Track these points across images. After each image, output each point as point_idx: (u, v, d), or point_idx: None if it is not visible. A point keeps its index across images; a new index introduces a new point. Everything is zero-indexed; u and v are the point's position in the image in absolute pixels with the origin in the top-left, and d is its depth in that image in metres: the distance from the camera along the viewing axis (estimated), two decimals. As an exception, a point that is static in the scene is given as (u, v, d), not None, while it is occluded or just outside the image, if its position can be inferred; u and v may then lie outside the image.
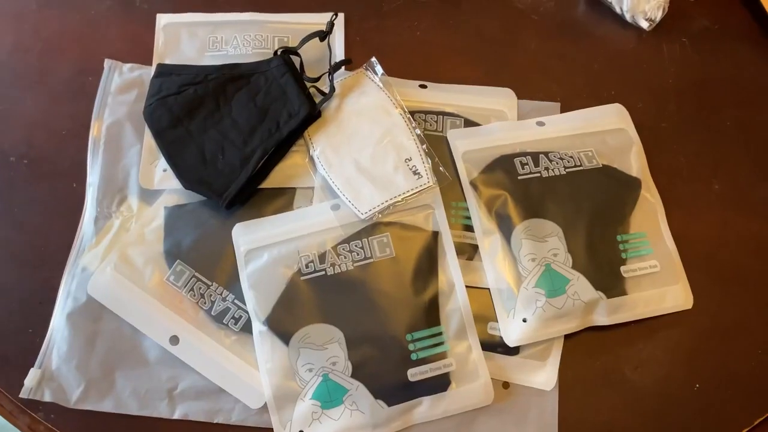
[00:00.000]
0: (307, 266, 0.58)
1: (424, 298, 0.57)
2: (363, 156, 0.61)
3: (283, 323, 0.56)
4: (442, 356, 0.56)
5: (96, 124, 0.64)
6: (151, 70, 0.66)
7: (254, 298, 0.57)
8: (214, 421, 0.56)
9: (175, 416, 0.56)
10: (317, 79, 0.65)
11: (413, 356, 0.55)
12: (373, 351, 0.55)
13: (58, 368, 0.57)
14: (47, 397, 0.56)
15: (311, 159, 0.63)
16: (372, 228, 0.59)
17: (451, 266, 0.59)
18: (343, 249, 0.58)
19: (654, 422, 0.57)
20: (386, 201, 0.59)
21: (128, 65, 0.67)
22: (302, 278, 0.57)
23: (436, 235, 0.60)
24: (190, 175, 0.60)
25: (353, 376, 0.55)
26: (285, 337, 0.56)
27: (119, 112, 0.65)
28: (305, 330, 0.56)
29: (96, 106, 0.65)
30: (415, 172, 0.60)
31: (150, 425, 0.56)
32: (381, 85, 0.65)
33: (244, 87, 0.63)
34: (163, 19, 0.70)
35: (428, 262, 0.59)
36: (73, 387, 0.56)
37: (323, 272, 0.58)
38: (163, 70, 0.64)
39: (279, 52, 0.65)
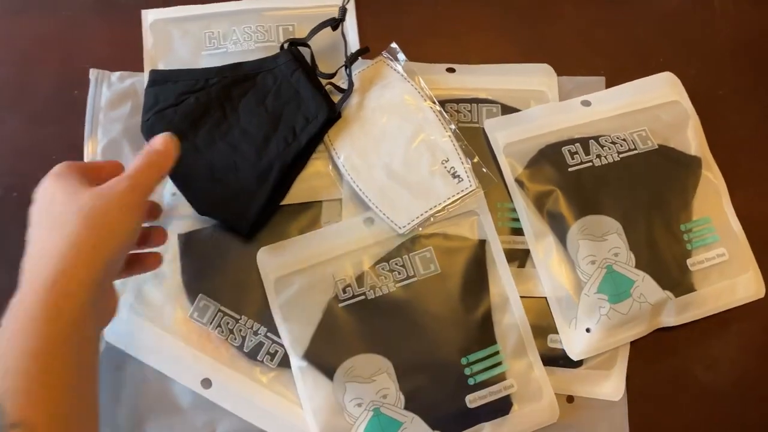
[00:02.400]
0: (344, 291, 0.51)
1: (476, 315, 0.51)
2: (394, 160, 0.54)
3: (325, 356, 0.50)
4: (501, 377, 0.50)
5: (90, 145, 0.56)
6: (144, 78, 0.57)
7: (289, 330, 0.51)
8: (259, 465, 0.51)
9: (217, 463, 0.51)
10: (333, 75, 0.56)
11: (470, 381, 0.49)
12: (426, 379, 0.50)
13: (82, 425, 0.51)
14: (75, 460, 0.50)
15: (335, 167, 0.55)
16: (412, 242, 0.52)
17: (502, 277, 0.52)
18: (383, 269, 0.52)
19: (731, 424, 0.52)
20: (426, 212, 0.52)
21: (117, 74, 0.58)
22: (340, 305, 0.51)
23: (483, 243, 0.53)
24: (203, 199, 0.52)
25: (407, 407, 0.49)
26: (328, 371, 0.50)
27: (114, 130, 0.56)
28: (350, 362, 0.50)
29: (87, 125, 0.56)
30: (454, 175, 0.53)
31: (191, 476, 0.51)
32: (405, 74, 0.56)
33: (250, 89, 0.55)
34: (149, 16, 0.60)
35: (477, 275, 0.52)
36: (102, 444, 0.51)
37: (363, 296, 0.51)
38: (158, 78, 0.55)
39: (286, 46, 0.56)
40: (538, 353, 0.51)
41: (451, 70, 0.59)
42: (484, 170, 0.54)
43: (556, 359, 0.52)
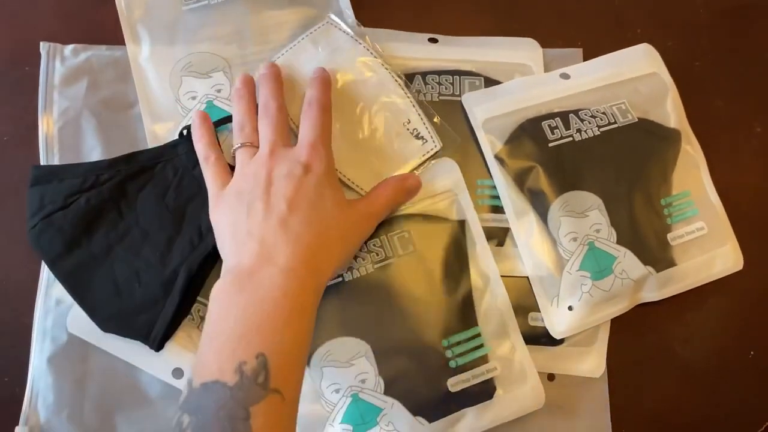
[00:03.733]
0: None
1: (456, 296, 0.49)
2: (355, 126, 0.51)
3: None
4: (483, 360, 0.48)
5: (45, 126, 0.51)
6: (101, 50, 0.53)
7: None
8: (236, 455, 0.48)
9: (192, 456, 0.48)
10: None
11: (452, 363, 0.47)
12: (406, 363, 0.47)
13: (47, 422, 0.47)
14: (41, 457, 0.47)
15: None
16: (390, 223, 0.50)
17: (482, 257, 0.50)
18: (361, 249, 0.49)
19: (709, 397, 0.52)
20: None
21: (70, 47, 0.53)
22: None
23: (462, 224, 0.50)
24: (105, 315, 0.47)
25: (386, 392, 0.47)
26: None
27: (70, 109, 0.52)
28: (326, 346, 0.48)
29: (40, 104, 0.52)
30: (418, 137, 0.50)
31: (164, 469, 0.48)
32: (356, 37, 0.52)
33: (148, 183, 0.48)
34: None
35: (457, 256, 0.50)
36: (69, 440, 0.47)
37: (340, 278, 0.49)
38: (40, 175, 0.48)
39: (186, 132, 0.50)
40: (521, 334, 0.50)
41: (433, 41, 0.56)
42: (448, 130, 0.51)
43: (538, 337, 0.50)
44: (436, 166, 0.51)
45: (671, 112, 0.54)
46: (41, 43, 0.53)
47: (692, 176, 0.54)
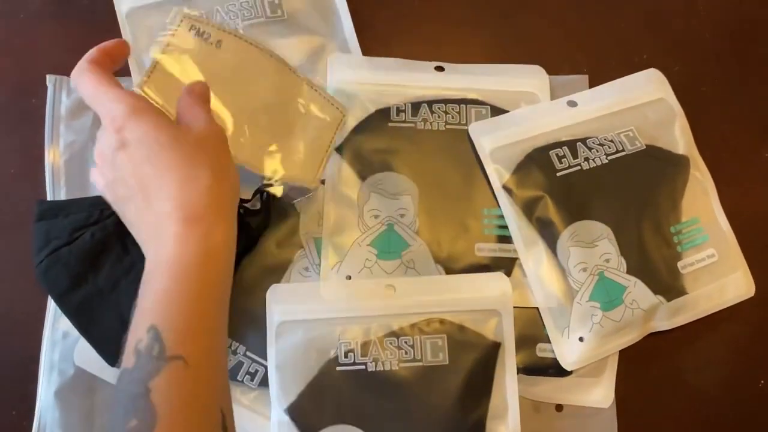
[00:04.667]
0: (346, 355, 0.47)
1: (470, 418, 0.46)
2: (263, 122, 0.48)
3: (308, 416, 0.46)
4: None
5: (51, 159, 0.51)
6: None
7: (279, 380, 0.47)
8: (244, 490, 0.47)
9: (199, 491, 0.47)
10: (248, 201, 0.49)
11: None
12: None
13: (54, 456, 0.47)
14: (49, 493, 0.46)
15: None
16: (427, 324, 0.47)
17: (508, 385, 0.47)
18: (391, 343, 0.47)
19: (720, 427, 0.50)
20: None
21: (77, 80, 0.53)
22: (338, 368, 0.46)
23: (497, 346, 0.48)
24: (111, 347, 0.46)
25: None
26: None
27: (76, 142, 0.51)
28: (331, 430, 0.46)
29: (47, 136, 0.51)
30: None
31: (172, 504, 0.47)
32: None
33: None
34: (122, 6, 0.53)
35: (483, 377, 0.47)
36: (78, 476, 0.47)
37: (363, 366, 0.47)
38: (45, 210, 0.47)
39: None
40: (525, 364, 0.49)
41: (439, 69, 0.55)
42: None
43: (546, 368, 0.49)
44: (489, 279, 0.49)
45: (679, 138, 0.53)
46: (48, 76, 0.52)
47: (701, 202, 0.53)
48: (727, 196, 0.54)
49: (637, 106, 0.54)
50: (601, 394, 0.50)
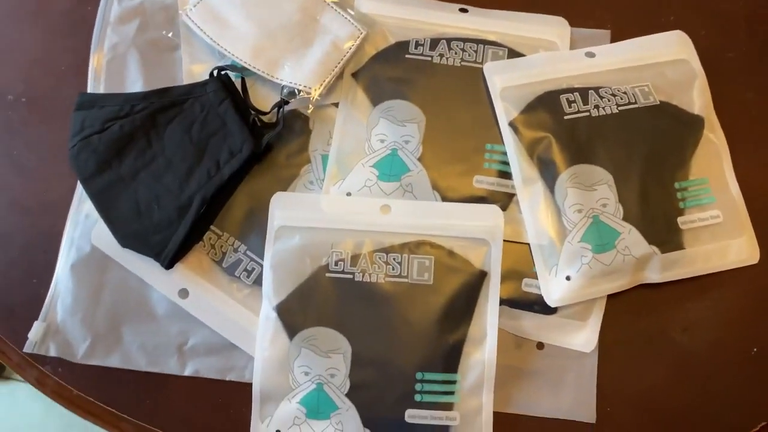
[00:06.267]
0: (336, 264, 0.48)
1: (448, 339, 0.47)
2: (284, 37, 0.52)
3: (293, 316, 0.47)
4: (448, 407, 0.46)
5: (96, 58, 0.55)
6: (155, -4, 0.56)
7: (272, 279, 0.48)
8: (227, 379, 0.49)
9: (186, 373, 0.49)
10: (266, 113, 0.52)
11: (417, 397, 0.46)
12: (377, 377, 0.46)
13: (63, 321, 0.50)
14: (52, 352, 0.49)
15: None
16: (417, 245, 0.48)
17: (489, 314, 0.48)
18: (380, 258, 0.48)
19: (703, 389, 0.48)
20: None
21: (128, -9, 0.57)
22: (327, 275, 0.48)
23: (483, 275, 0.48)
24: (124, 232, 0.49)
25: (348, 395, 0.46)
26: (291, 330, 0.47)
27: (120, 45, 0.55)
28: (313, 330, 0.47)
29: (94, 38, 0.55)
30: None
31: (160, 381, 0.49)
32: None
33: (177, 117, 0.50)
34: None
35: (466, 303, 0.48)
36: (79, 341, 0.49)
37: (351, 275, 0.48)
38: (84, 101, 0.51)
39: (215, 73, 0.52)
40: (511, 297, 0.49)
41: (463, 10, 0.55)
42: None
43: (530, 304, 0.49)
44: (483, 209, 0.49)
45: (696, 99, 0.52)
46: (103, -15, 0.56)
47: (713, 164, 0.51)
48: (742, 163, 0.52)
49: (657, 63, 0.53)
50: (584, 337, 0.49)
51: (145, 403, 0.49)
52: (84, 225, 0.51)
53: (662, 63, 0.53)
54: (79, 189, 0.52)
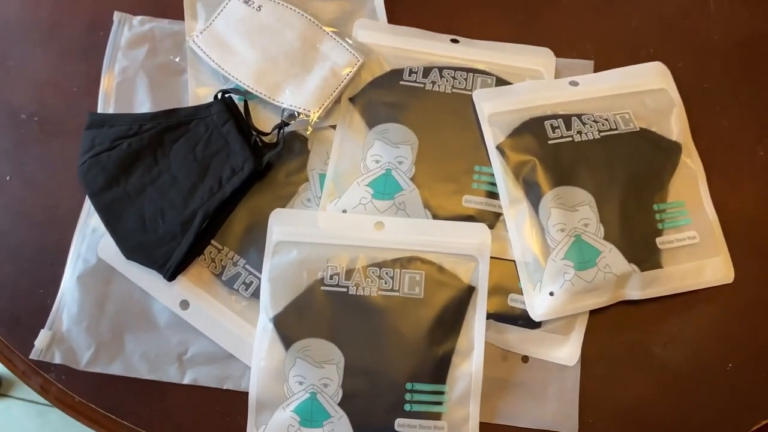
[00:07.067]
0: (331, 277, 0.50)
1: (437, 351, 0.49)
2: (283, 65, 0.55)
3: (290, 327, 0.49)
4: (436, 416, 0.48)
5: (106, 80, 0.57)
6: (164, 23, 0.59)
7: (269, 292, 0.50)
8: (224, 387, 0.50)
9: (185, 381, 0.50)
10: (267, 134, 0.54)
11: (407, 407, 0.48)
12: (368, 386, 0.48)
13: (68, 330, 0.51)
14: (57, 359, 0.51)
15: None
16: (408, 261, 0.50)
17: (476, 327, 0.50)
18: (373, 272, 0.50)
19: (682, 402, 0.50)
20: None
21: (138, 18, 0.59)
22: (322, 288, 0.50)
23: (471, 290, 0.50)
24: (129, 244, 0.51)
25: (341, 404, 0.48)
26: (287, 341, 0.49)
27: (129, 68, 0.57)
28: (308, 341, 0.49)
29: (105, 61, 0.58)
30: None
31: (160, 389, 0.51)
32: None
33: (183, 136, 0.53)
34: None
35: (454, 316, 0.50)
36: (83, 349, 0.51)
37: (345, 289, 0.50)
38: (95, 121, 0.53)
39: (220, 96, 0.54)
40: (497, 312, 0.50)
41: (455, 41, 0.58)
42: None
43: (515, 318, 0.51)
44: (471, 227, 0.51)
45: (674, 127, 0.55)
46: (115, 12, 0.59)
47: (689, 188, 0.54)
48: (717, 188, 0.54)
49: (637, 92, 0.56)
50: (567, 351, 0.51)
51: (144, 410, 0.51)
52: (91, 238, 0.53)
53: (642, 92, 0.56)
54: (87, 204, 0.55)
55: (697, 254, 0.52)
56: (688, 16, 0.60)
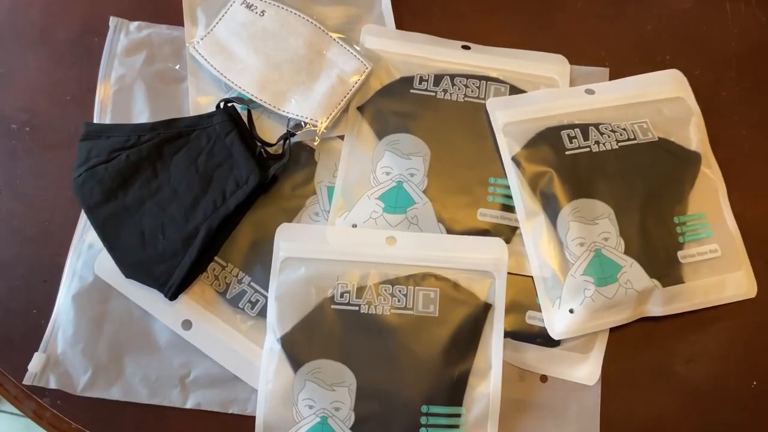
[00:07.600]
0: (341, 295, 0.47)
1: (453, 371, 0.46)
2: (290, 72, 0.52)
3: (298, 348, 0.47)
4: None
5: (102, 89, 0.54)
6: (162, 29, 0.56)
7: (277, 311, 0.48)
8: (229, 412, 0.48)
9: (188, 405, 0.48)
10: (272, 145, 0.52)
11: (422, 430, 0.45)
12: (382, 410, 0.46)
13: (63, 352, 0.48)
14: (52, 384, 0.48)
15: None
16: (422, 278, 0.48)
17: (494, 346, 0.47)
18: (385, 290, 0.48)
19: (705, 421, 0.48)
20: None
21: (135, 24, 0.56)
22: (332, 306, 0.47)
23: (488, 308, 0.48)
24: (128, 261, 0.48)
25: (353, 428, 0.45)
26: (295, 362, 0.47)
27: (127, 76, 0.55)
28: (318, 363, 0.46)
29: (101, 69, 0.55)
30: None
31: (161, 414, 0.48)
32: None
33: (183, 147, 0.50)
34: None
35: (471, 335, 0.47)
36: (80, 373, 0.48)
37: (357, 307, 0.47)
38: (91, 131, 0.50)
39: (222, 105, 0.52)
40: (515, 330, 0.48)
41: (466, 47, 0.56)
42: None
43: (533, 337, 0.49)
44: (487, 242, 0.49)
45: (693, 136, 0.53)
46: (111, 18, 0.56)
47: (710, 199, 0.52)
48: (738, 198, 0.52)
49: (654, 101, 0.54)
50: (587, 370, 0.49)
51: (145, 436, 0.48)
52: (87, 255, 0.51)
53: (659, 100, 0.54)
54: (83, 218, 0.52)
55: (719, 268, 0.50)
56: (704, 22, 0.58)
